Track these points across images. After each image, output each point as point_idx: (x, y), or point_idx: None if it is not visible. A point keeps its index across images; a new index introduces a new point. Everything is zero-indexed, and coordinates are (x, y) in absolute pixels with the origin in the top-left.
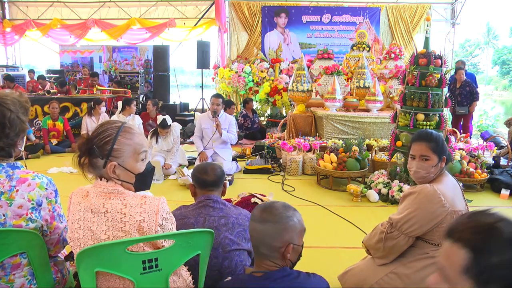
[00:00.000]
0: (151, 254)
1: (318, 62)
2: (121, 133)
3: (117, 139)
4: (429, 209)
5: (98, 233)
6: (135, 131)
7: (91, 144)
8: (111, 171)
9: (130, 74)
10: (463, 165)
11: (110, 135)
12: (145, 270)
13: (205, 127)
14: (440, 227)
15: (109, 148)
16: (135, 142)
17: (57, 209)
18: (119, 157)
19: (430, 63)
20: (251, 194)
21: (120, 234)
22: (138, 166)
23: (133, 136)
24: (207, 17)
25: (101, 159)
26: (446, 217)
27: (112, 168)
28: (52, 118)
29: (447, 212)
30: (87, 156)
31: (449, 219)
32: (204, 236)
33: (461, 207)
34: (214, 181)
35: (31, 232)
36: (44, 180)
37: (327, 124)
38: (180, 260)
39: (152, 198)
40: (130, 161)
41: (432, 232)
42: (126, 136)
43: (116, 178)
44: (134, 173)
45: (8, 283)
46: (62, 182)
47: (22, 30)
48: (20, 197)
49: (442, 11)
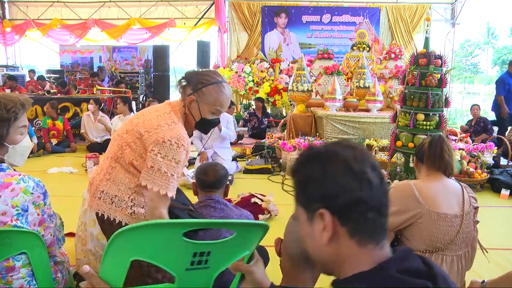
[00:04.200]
0: (205, 245)
1: (318, 62)
2: (216, 85)
3: (209, 86)
4: (402, 202)
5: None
6: (226, 93)
7: (193, 76)
8: (189, 101)
9: (130, 74)
10: (463, 165)
11: (207, 81)
12: (192, 265)
13: None
14: (416, 226)
15: (200, 87)
16: (218, 98)
17: (46, 211)
18: (201, 97)
19: (430, 63)
20: (251, 194)
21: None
22: (208, 115)
23: (221, 93)
24: (207, 17)
25: (191, 89)
26: (423, 216)
27: (190, 100)
28: (51, 117)
29: (424, 210)
30: (187, 81)
31: (428, 219)
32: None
33: (447, 211)
34: (213, 183)
35: (31, 232)
36: (30, 183)
37: (327, 124)
38: (230, 259)
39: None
40: (205, 106)
41: (410, 233)
42: (216, 89)
43: (189, 108)
44: (201, 116)
45: (7, 284)
46: (62, 182)
47: (22, 30)
48: (3, 203)
49: (442, 11)
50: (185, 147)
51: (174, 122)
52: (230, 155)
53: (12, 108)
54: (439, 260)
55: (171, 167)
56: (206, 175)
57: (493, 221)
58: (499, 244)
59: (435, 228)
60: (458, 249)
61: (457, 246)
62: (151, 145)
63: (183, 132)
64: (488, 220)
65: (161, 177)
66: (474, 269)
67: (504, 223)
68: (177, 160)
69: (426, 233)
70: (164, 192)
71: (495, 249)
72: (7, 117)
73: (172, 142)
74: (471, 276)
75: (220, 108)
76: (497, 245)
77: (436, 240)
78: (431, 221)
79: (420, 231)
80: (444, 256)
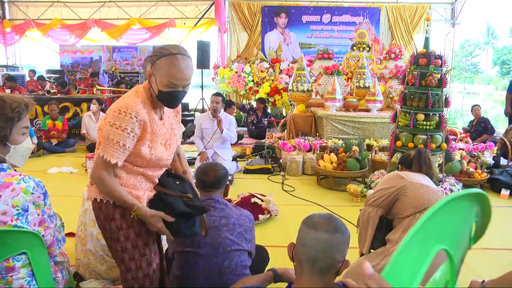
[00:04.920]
0: None
1: (318, 62)
2: (168, 57)
3: (161, 59)
4: (389, 181)
5: None
6: (179, 65)
7: (154, 50)
8: (148, 75)
9: (130, 74)
10: (463, 165)
11: (161, 53)
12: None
13: (205, 127)
14: (404, 197)
15: (154, 60)
16: (170, 70)
17: (46, 211)
18: (156, 70)
19: (430, 63)
20: (251, 194)
21: None
22: (164, 87)
23: (172, 66)
24: (207, 17)
25: (149, 63)
26: (407, 188)
27: (148, 74)
28: (51, 118)
29: (408, 184)
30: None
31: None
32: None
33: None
34: (213, 183)
35: (31, 232)
36: (31, 183)
37: (327, 124)
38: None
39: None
40: (160, 79)
41: (400, 206)
42: (168, 61)
43: (150, 82)
44: (158, 88)
45: (7, 284)
46: (62, 182)
47: (22, 30)
48: (4, 203)
49: (442, 11)
50: (132, 115)
51: (128, 95)
52: (230, 155)
53: (17, 108)
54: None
55: (117, 134)
56: (206, 175)
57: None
58: (499, 244)
59: (419, 194)
60: None
61: None
62: (106, 118)
63: (132, 102)
64: None
65: (109, 144)
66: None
67: (504, 223)
68: (123, 128)
69: (413, 199)
70: (106, 156)
71: (495, 249)
72: (11, 116)
73: (121, 111)
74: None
75: (174, 80)
76: (497, 245)
77: (422, 203)
78: (415, 189)
79: (408, 199)
80: None
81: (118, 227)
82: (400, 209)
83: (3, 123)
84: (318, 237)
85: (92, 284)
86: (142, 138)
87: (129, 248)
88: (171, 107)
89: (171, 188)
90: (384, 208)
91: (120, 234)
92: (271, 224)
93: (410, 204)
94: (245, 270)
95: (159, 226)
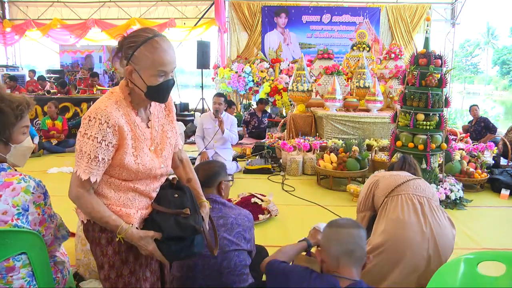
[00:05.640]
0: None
1: (318, 62)
2: (145, 44)
3: (139, 48)
4: (365, 184)
5: None
6: (162, 47)
7: (123, 43)
8: (128, 73)
9: None
10: (463, 165)
11: (135, 43)
12: None
13: (207, 127)
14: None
15: (130, 53)
16: (154, 57)
17: (47, 211)
18: (137, 64)
19: (430, 63)
20: (251, 194)
21: None
22: (153, 80)
23: (155, 51)
24: (207, 17)
25: (124, 59)
26: (379, 181)
27: (128, 71)
28: (51, 117)
29: (379, 178)
30: (119, 51)
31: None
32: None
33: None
34: (202, 182)
35: (31, 232)
36: (31, 183)
37: (327, 124)
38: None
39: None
40: (146, 72)
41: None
42: (148, 48)
43: (131, 81)
44: (147, 84)
45: (7, 284)
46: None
47: (22, 30)
48: (4, 203)
49: (442, 11)
50: (102, 121)
51: (101, 98)
52: (231, 155)
53: (20, 106)
54: (395, 199)
55: (88, 145)
56: (197, 174)
57: (493, 221)
58: (499, 244)
59: (388, 181)
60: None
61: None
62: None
63: (102, 105)
64: (488, 220)
65: (82, 157)
66: None
67: (504, 223)
68: (93, 137)
69: (383, 188)
70: (79, 173)
71: (495, 249)
72: (15, 114)
73: (91, 118)
74: None
75: (163, 67)
76: (497, 245)
77: (390, 187)
78: (384, 179)
79: (379, 190)
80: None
81: (103, 253)
82: (376, 202)
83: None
84: (349, 232)
85: (92, 284)
86: (122, 146)
87: (112, 277)
88: (163, 102)
89: (166, 204)
90: (370, 209)
91: (105, 261)
92: (271, 224)
93: (381, 194)
94: (245, 269)
95: (150, 249)
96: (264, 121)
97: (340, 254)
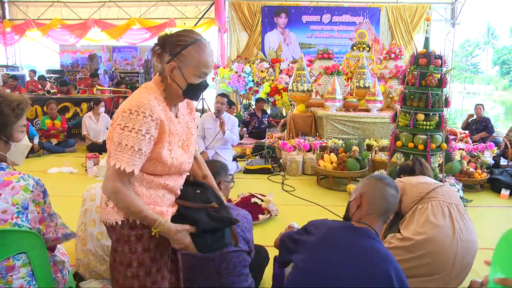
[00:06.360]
0: None
1: (318, 62)
2: (195, 44)
3: (187, 47)
4: None
5: None
6: (208, 51)
7: (168, 40)
8: (170, 69)
9: (130, 74)
10: (463, 165)
11: (184, 41)
12: None
13: (207, 127)
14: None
15: (178, 50)
16: (201, 58)
17: (46, 210)
18: (182, 62)
19: (430, 63)
20: (251, 194)
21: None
22: (194, 79)
23: (203, 53)
24: (207, 17)
25: (168, 56)
26: (406, 188)
27: (171, 67)
28: (50, 117)
29: (406, 185)
30: (161, 48)
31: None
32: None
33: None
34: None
35: (31, 232)
36: (30, 182)
37: (327, 124)
38: None
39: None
40: (189, 70)
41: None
42: (197, 49)
43: (171, 77)
44: (187, 82)
45: (7, 284)
46: (62, 182)
47: (22, 30)
48: (4, 202)
49: (442, 11)
50: (146, 114)
51: (137, 93)
52: (231, 155)
53: (20, 105)
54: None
55: (130, 137)
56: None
57: (493, 221)
58: None
59: (416, 189)
60: (442, 198)
61: (440, 195)
62: (115, 121)
63: (144, 99)
64: (488, 220)
65: (122, 151)
66: (474, 269)
67: (504, 223)
68: (137, 129)
69: (413, 195)
70: (119, 165)
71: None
72: (16, 113)
73: (132, 111)
74: (471, 276)
75: (206, 69)
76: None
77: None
78: (412, 186)
79: (408, 197)
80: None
81: (132, 250)
82: (404, 208)
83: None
84: (393, 193)
85: (92, 284)
86: (161, 140)
87: (141, 275)
88: (196, 100)
89: (191, 200)
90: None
91: (133, 258)
92: (271, 224)
93: (410, 200)
94: (245, 269)
95: (186, 242)
96: (264, 121)
97: (380, 208)
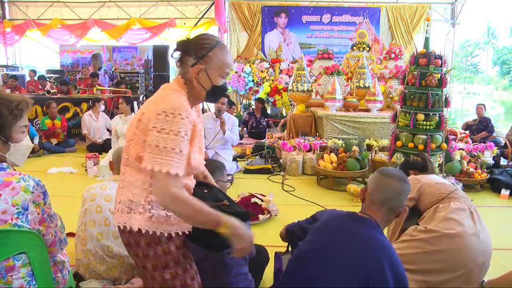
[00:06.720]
0: None
1: (318, 62)
2: (218, 47)
3: (213, 50)
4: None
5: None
6: (229, 52)
7: (189, 44)
8: (196, 72)
9: (130, 74)
10: (463, 165)
11: (209, 44)
12: None
13: (207, 127)
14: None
15: (204, 53)
16: (225, 59)
17: (47, 211)
18: (208, 63)
19: (430, 63)
20: (251, 194)
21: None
22: (218, 80)
23: (226, 54)
24: (207, 17)
25: (193, 59)
26: (423, 187)
27: (198, 70)
28: (50, 117)
29: (423, 184)
30: (182, 52)
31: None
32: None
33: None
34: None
35: (31, 232)
36: (31, 182)
37: (327, 124)
38: None
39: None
40: (214, 72)
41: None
42: (221, 51)
43: (197, 79)
44: (212, 83)
45: (7, 284)
46: (62, 182)
47: (22, 30)
48: (4, 202)
49: (442, 11)
50: (183, 116)
51: (169, 95)
52: (231, 155)
53: (19, 106)
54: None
55: (170, 140)
56: None
57: (493, 221)
58: (499, 244)
59: (435, 189)
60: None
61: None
62: (149, 124)
63: (178, 101)
64: (488, 220)
65: (161, 154)
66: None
67: (504, 223)
68: (176, 132)
69: (432, 196)
70: (167, 169)
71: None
72: (15, 113)
73: (167, 113)
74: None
75: (228, 69)
76: (497, 245)
77: (440, 195)
78: (430, 186)
79: (427, 197)
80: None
81: (166, 251)
82: (423, 206)
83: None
84: (392, 183)
85: (92, 284)
86: (192, 141)
87: (180, 273)
88: (216, 101)
89: (202, 199)
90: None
91: (169, 259)
92: (271, 224)
93: (430, 200)
94: (242, 269)
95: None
96: (262, 122)
97: (376, 198)
